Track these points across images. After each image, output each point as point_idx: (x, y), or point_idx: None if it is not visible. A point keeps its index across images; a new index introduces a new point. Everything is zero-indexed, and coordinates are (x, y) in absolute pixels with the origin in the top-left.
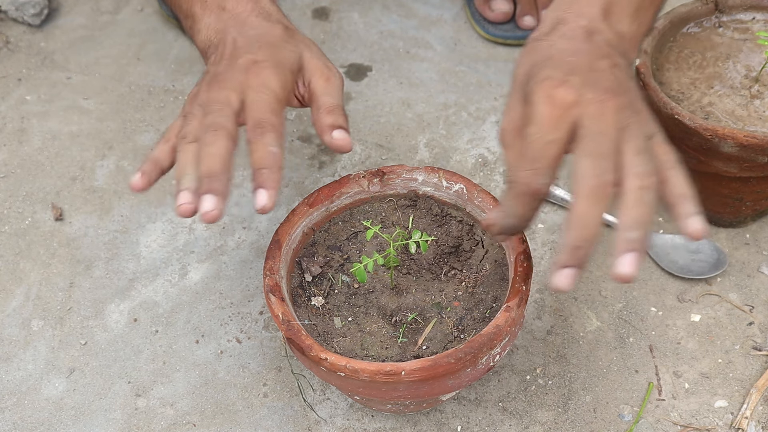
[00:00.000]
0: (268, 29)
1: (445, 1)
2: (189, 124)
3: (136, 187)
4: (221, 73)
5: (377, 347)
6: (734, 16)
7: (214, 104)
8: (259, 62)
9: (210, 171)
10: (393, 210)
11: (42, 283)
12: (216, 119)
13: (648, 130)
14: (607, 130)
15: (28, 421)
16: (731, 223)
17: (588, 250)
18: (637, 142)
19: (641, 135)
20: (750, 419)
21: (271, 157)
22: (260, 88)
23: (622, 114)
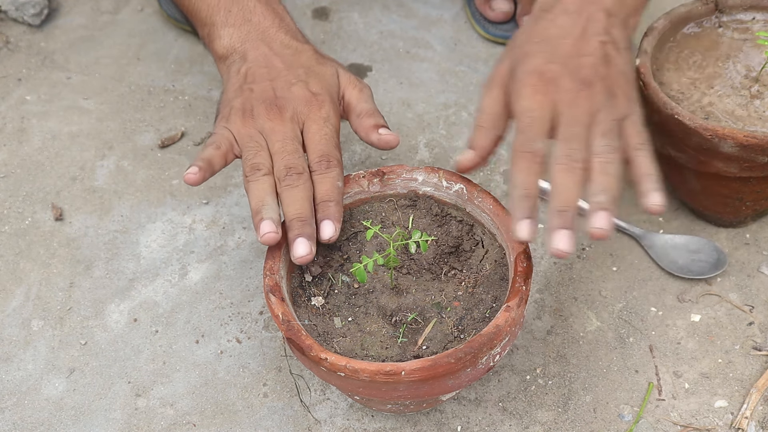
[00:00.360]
0: (300, 49)
1: (445, 1)
2: (258, 155)
3: (192, 181)
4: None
5: (377, 347)
6: (734, 16)
7: (280, 137)
8: (317, 95)
9: (301, 215)
10: (393, 210)
11: (42, 283)
12: (294, 161)
13: (619, 113)
14: (579, 117)
15: (28, 421)
16: (731, 223)
17: (572, 213)
18: (604, 125)
19: (610, 118)
20: (750, 419)
21: (338, 191)
22: (323, 123)
23: (594, 100)
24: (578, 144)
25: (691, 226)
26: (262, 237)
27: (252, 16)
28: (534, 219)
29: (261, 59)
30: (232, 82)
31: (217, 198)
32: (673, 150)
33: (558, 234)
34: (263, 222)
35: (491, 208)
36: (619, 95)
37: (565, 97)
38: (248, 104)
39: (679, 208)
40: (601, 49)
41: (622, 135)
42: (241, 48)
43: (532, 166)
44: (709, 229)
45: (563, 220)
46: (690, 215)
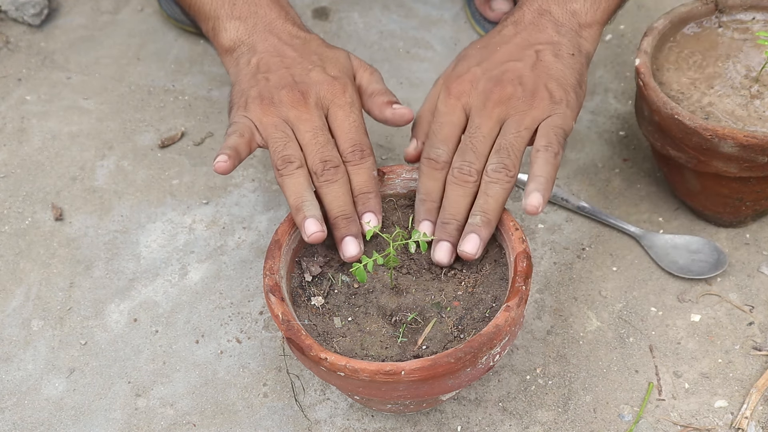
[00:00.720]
0: (308, 39)
1: (445, 1)
2: (287, 146)
3: (223, 169)
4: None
5: (377, 347)
6: (734, 16)
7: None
8: (338, 79)
9: (345, 212)
10: (393, 210)
11: (42, 283)
12: (329, 154)
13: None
14: (483, 123)
15: (28, 421)
16: (731, 223)
17: (455, 225)
18: (504, 139)
19: (513, 130)
20: (750, 419)
21: (374, 181)
22: (349, 108)
23: (503, 107)
24: (471, 157)
25: (691, 226)
26: (309, 237)
27: (258, 8)
28: (432, 222)
29: (272, 49)
30: (244, 74)
31: (217, 198)
32: (673, 150)
33: (438, 245)
34: (307, 221)
35: None
36: (541, 98)
37: (477, 101)
38: (266, 92)
39: (679, 208)
40: (534, 56)
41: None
42: (249, 40)
43: (432, 172)
44: (709, 229)
45: (444, 232)
46: (690, 215)
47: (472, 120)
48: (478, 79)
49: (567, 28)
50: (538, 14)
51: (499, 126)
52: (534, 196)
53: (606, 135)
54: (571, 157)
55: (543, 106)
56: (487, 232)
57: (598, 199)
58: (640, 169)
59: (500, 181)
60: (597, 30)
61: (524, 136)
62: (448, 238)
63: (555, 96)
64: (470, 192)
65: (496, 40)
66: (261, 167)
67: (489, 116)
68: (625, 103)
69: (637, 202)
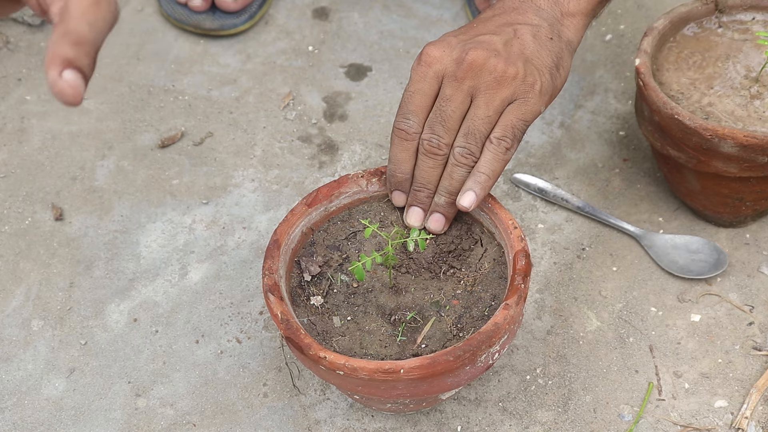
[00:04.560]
0: None
1: (445, 1)
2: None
3: None
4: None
5: (376, 346)
6: (734, 17)
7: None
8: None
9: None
10: (392, 209)
11: (42, 283)
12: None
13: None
14: (454, 96)
15: (28, 421)
16: (731, 223)
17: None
18: (471, 123)
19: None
20: (750, 419)
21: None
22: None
23: (474, 78)
24: (440, 130)
25: (691, 226)
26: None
27: None
28: (404, 192)
29: None
30: None
31: (217, 198)
32: (673, 150)
33: (410, 210)
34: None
35: (489, 207)
36: (511, 76)
37: (449, 67)
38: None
39: (679, 208)
40: (512, 32)
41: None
42: None
43: (402, 142)
44: (709, 229)
45: (416, 199)
46: (690, 215)
47: (443, 89)
48: (452, 47)
49: (548, 14)
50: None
51: (469, 98)
52: (467, 197)
53: (606, 135)
54: (571, 157)
55: (514, 86)
56: (452, 212)
57: (598, 199)
58: (640, 169)
59: (465, 166)
60: (580, 20)
61: (492, 120)
62: (420, 205)
63: (528, 77)
64: (440, 164)
65: (475, 21)
66: (261, 167)
67: (460, 88)
68: (625, 103)
69: (637, 202)
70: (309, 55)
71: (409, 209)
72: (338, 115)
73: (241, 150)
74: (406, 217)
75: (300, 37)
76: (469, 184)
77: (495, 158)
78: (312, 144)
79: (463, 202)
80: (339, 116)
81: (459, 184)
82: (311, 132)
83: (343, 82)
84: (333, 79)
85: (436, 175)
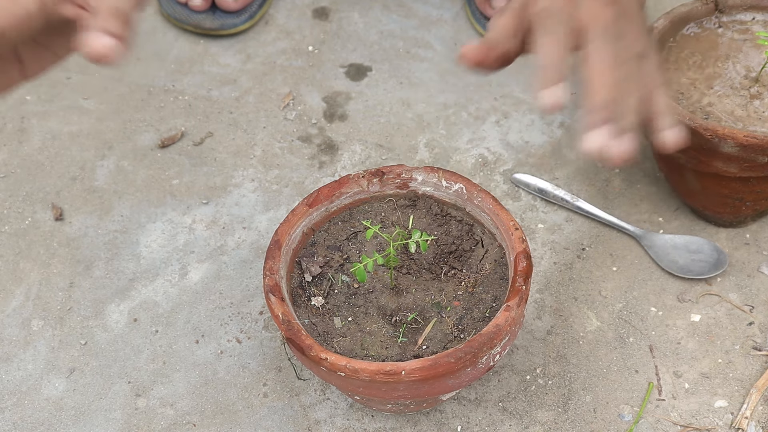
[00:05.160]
0: None
1: (445, 1)
2: None
3: None
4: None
5: (377, 347)
6: (734, 17)
7: None
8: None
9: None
10: (393, 210)
11: (42, 283)
12: None
13: (639, 47)
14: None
15: (28, 421)
16: (731, 223)
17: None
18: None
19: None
20: (750, 419)
21: None
22: None
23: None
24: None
25: (691, 226)
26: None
27: None
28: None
29: None
30: None
31: (217, 198)
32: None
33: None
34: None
35: (491, 208)
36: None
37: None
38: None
39: (679, 208)
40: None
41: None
42: None
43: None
44: (709, 229)
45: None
46: (690, 215)
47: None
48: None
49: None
50: None
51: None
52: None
53: None
54: (571, 157)
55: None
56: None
57: (598, 199)
58: (640, 169)
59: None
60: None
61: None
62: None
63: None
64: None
65: None
66: (261, 167)
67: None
68: None
69: (637, 202)
70: (309, 55)
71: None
72: (338, 115)
73: (241, 150)
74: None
75: (300, 37)
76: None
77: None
78: (312, 144)
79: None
80: (339, 116)
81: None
82: (311, 132)
83: (343, 82)
84: (333, 79)
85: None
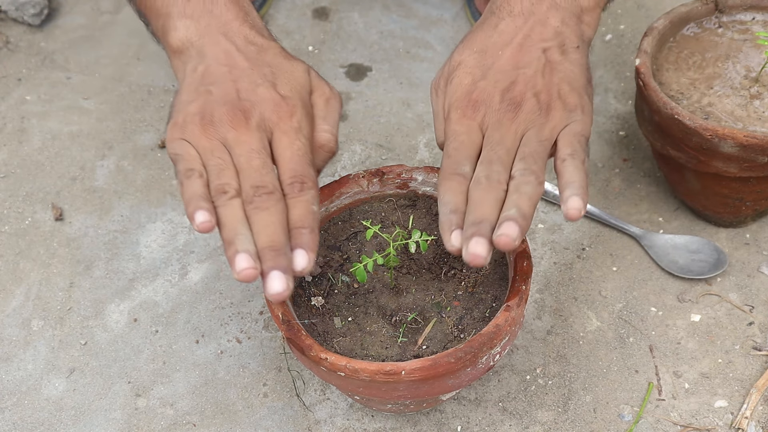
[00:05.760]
0: (266, 46)
1: (445, 1)
2: (223, 174)
3: (208, 229)
4: (242, 101)
5: (377, 347)
6: (734, 17)
7: (245, 149)
8: (287, 99)
9: (274, 243)
10: (393, 210)
11: (42, 283)
12: (262, 179)
13: (552, 127)
14: (503, 139)
15: (28, 421)
16: (731, 223)
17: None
18: (527, 148)
19: (535, 141)
20: (750, 419)
21: (312, 216)
22: (294, 134)
23: (522, 120)
24: (498, 167)
25: (691, 226)
26: (239, 274)
27: (213, 7)
28: (461, 229)
29: (222, 56)
30: (188, 82)
31: None
32: (673, 150)
33: (473, 240)
34: (238, 255)
35: None
36: (556, 107)
37: (493, 118)
38: (207, 108)
39: (679, 208)
40: (542, 58)
41: (556, 146)
42: (199, 42)
43: (459, 186)
44: (709, 229)
45: (477, 230)
46: (690, 215)
47: (491, 135)
48: (490, 95)
49: (569, 13)
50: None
51: (519, 139)
52: (574, 200)
53: (606, 135)
54: None
55: (558, 116)
56: (526, 225)
57: (598, 199)
58: (640, 169)
59: (531, 183)
60: (598, 14)
61: (546, 146)
62: (484, 234)
63: (570, 103)
64: (500, 197)
65: (494, 40)
66: None
67: (507, 131)
68: (625, 103)
69: (637, 202)
70: (309, 55)
71: (471, 239)
72: None
73: None
74: (470, 247)
75: (300, 37)
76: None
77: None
78: None
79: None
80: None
81: (528, 199)
82: None
83: (343, 82)
84: (333, 79)
85: (497, 209)
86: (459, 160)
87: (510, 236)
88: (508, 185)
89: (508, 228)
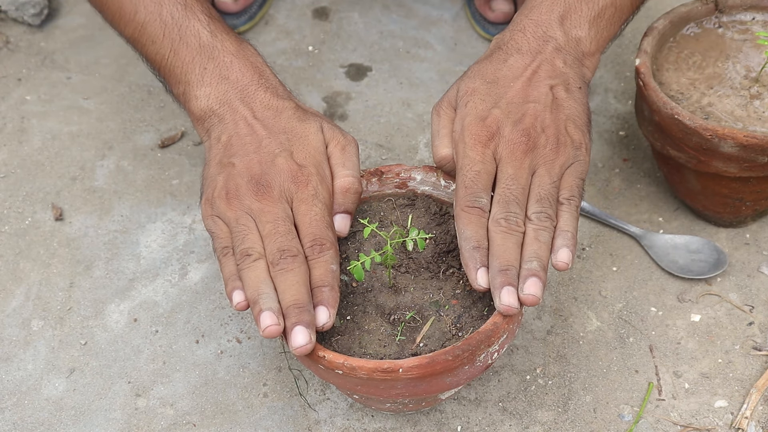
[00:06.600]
0: (281, 108)
1: (445, 1)
2: (247, 238)
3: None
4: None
5: (375, 345)
6: (734, 17)
7: (271, 218)
8: (303, 169)
9: (298, 301)
10: (391, 209)
11: (42, 283)
12: (287, 243)
13: (560, 165)
14: (518, 175)
15: (28, 421)
16: (731, 223)
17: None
18: (540, 189)
19: (548, 181)
20: (750, 419)
21: (332, 275)
22: (311, 201)
23: (533, 154)
24: (516, 207)
25: (691, 226)
26: (264, 331)
27: (229, 73)
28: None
29: (242, 125)
30: (213, 154)
31: None
32: (673, 150)
33: (504, 290)
34: (263, 314)
35: None
36: (564, 143)
37: (506, 150)
38: (232, 183)
39: (679, 208)
40: (550, 94)
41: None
42: (220, 111)
43: (480, 219)
44: (709, 229)
45: (506, 278)
46: (690, 215)
47: (505, 170)
48: (502, 124)
49: (572, 57)
50: (543, 41)
51: (530, 175)
52: (563, 252)
53: (606, 135)
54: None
55: (567, 153)
56: (545, 277)
57: (598, 199)
58: (640, 169)
59: (548, 229)
60: (597, 58)
61: (557, 185)
62: (512, 283)
63: (575, 140)
64: (520, 240)
65: (504, 72)
66: None
67: (521, 166)
68: (625, 103)
69: (637, 202)
70: (309, 55)
71: (503, 290)
72: (338, 115)
73: None
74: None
75: (300, 37)
76: (559, 243)
77: (571, 216)
78: None
79: (561, 257)
80: (339, 116)
81: (547, 248)
82: None
83: (343, 82)
84: (333, 79)
85: (519, 254)
86: (476, 192)
87: (536, 295)
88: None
89: (532, 287)
